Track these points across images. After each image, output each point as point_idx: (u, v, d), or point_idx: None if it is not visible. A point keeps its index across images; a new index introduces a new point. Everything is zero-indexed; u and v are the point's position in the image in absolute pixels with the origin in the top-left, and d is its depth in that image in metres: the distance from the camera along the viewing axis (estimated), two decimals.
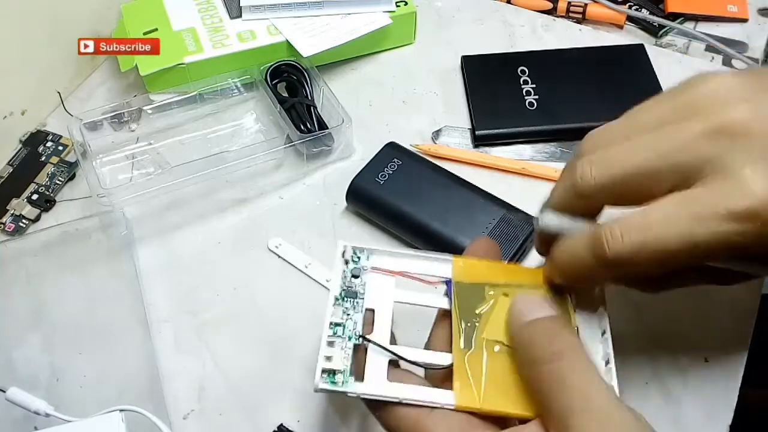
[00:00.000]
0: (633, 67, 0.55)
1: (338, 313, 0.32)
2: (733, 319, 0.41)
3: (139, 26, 0.55)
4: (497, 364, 0.31)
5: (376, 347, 0.31)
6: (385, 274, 0.33)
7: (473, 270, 0.34)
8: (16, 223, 0.48)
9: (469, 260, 0.34)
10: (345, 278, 0.33)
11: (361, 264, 0.33)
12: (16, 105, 0.53)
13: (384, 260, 0.34)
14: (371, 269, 0.33)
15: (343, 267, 0.33)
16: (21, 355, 0.42)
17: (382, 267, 0.34)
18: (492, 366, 0.31)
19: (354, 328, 0.31)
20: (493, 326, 0.32)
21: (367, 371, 0.30)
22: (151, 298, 0.44)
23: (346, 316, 0.32)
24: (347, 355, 0.30)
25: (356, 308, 0.32)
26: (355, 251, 0.34)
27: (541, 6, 0.63)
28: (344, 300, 0.32)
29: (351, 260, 0.33)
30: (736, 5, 0.62)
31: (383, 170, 0.47)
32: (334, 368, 0.30)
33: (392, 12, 0.57)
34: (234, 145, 0.51)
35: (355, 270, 0.33)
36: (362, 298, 0.32)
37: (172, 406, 0.40)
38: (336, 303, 0.32)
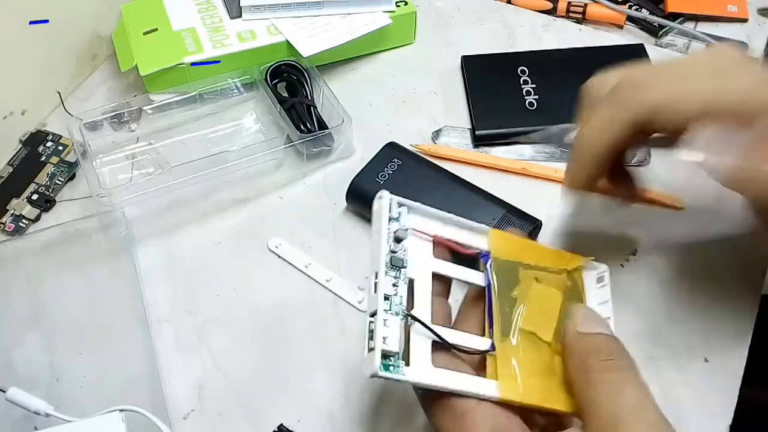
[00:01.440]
0: None
1: (388, 284, 0.29)
2: (733, 319, 0.41)
3: (139, 26, 0.55)
4: (534, 356, 0.31)
5: (419, 330, 0.29)
6: (423, 239, 0.32)
7: (508, 246, 0.33)
8: (16, 223, 0.48)
9: (505, 234, 0.34)
10: (390, 241, 0.30)
11: (402, 222, 0.31)
12: (16, 105, 0.53)
13: (422, 221, 0.32)
14: (411, 231, 0.32)
15: (388, 226, 0.30)
16: (21, 355, 0.42)
17: (420, 229, 0.32)
18: (530, 358, 0.31)
19: (401, 302, 0.29)
20: (529, 316, 0.32)
21: (412, 354, 0.29)
22: (151, 298, 0.44)
23: (394, 288, 0.29)
24: (399, 336, 0.28)
25: (403, 279, 0.30)
26: (400, 204, 0.31)
27: (541, 6, 0.63)
28: (390, 269, 0.30)
29: (394, 219, 0.31)
30: (736, 5, 0.62)
31: (383, 170, 0.47)
32: (389, 352, 0.28)
33: (392, 12, 0.57)
34: (234, 145, 0.51)
35: (399, 232, 0.31)
36: (405, 267, 0.30)
37: (172, 406, 0.40)
38: (386, 270, 0.29)
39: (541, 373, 0.31)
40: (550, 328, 0.32)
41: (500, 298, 0.32)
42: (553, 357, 0.32)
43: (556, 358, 0.32)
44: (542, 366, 0.31)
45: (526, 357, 0.31)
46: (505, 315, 0.32)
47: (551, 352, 0.32)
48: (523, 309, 0.32)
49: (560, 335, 0.32)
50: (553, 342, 0.32)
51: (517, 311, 0.32)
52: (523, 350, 0.31)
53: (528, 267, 0.33)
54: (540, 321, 0.32)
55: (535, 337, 0.32)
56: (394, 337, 0.28)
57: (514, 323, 0.32)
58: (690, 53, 0.37)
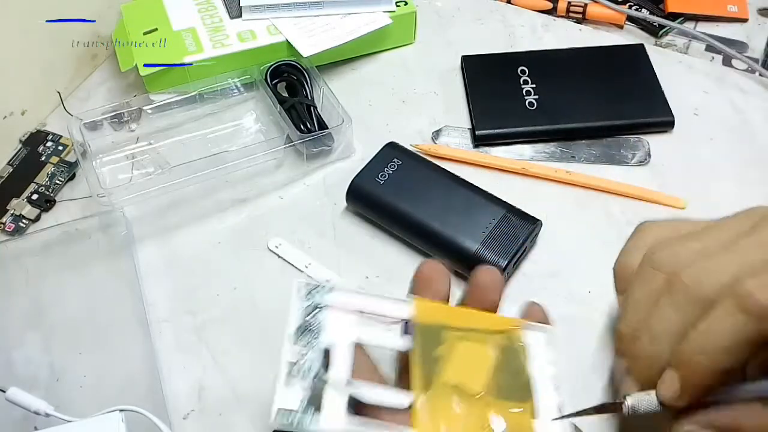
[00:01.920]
0: (633, 67, 0.55)
1: (294, 351, 0.31)
2: None
3: (139, 26, 0.55)
4: (459, 405, 0.30)
5: (333, 387, 0.30)
6: (345, 312, 0.33)
7: (434, 313, 0.33)
8: (16, 223, 0.48)
9: (429, 302, 0.33)
10: (301, 316, 0.32)
11: (318, 301, 0.33)
12: (16, 105, 0.53)
13: (343, 298, 0.33)
14: (329, 307, 0.32)
15: (300, 307, 0.32)
16: (21, 355, 0.42)
17: (340, 305, 0.33)
18: (454, 413, 0.30)
19: (310, 367, 0.31)
20: (453, 371, 0.31)
21: (324, 409, 0.29)
22: (151, 298, 0.44)
23: (302, 355, 0.31)
24: (304, 397, 0.30)
25: (314, 347, 0.31)
26: (311, 290, 0.33)
27: (541, 6, 0.63)
28: (301, 337, 0.31)
29: (308, 297, 0.33)
30: (736, 5, 0.62)
31: (383, 170, 0.47)
32: (289, 408, 0.29)
33: (392, 12, 0.57)
34: (234, 145, 0.51)
35: (311, 307, 0.32)
36: (317, 337, 0.32)
37: (172, 406, 0.40)
38: (294, 338, 0.31)
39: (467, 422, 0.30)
40: (479, 380, 0.31)
41: (421, 357, 0.32)
42: (484, 411, 0.31)
43: (490, 412, 0.31)
44: (469, 416, 0.30)
45: (449, 411, 0.30)
46: (425, 372, 0.31)
47: (482, 405, 0.31)
48: (447, 366, 0.32)
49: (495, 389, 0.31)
50: (486, 395, 0.31)
51: (438, 368, 0.32)
52: (446, 400, 0.31)
53: (454, 329, 0.33)
54: (467, 374, 0.31)
55: (461, 390, 0.31)
56: (295, 396, 0.30)
57: (435, 379, 0.31)
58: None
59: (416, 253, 0.46)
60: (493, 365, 0.32)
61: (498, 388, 0.31)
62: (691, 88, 0.55)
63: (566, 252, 0.46)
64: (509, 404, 0.31)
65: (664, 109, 0.52)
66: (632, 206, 0.48)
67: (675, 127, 0.52)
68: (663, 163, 0.51)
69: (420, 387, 0.31)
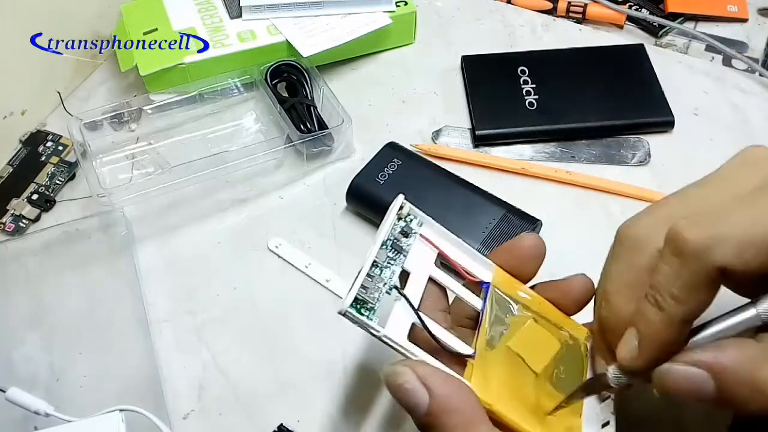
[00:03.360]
0: (633, 67, 0.55)
1: (382, 255, 0.31)
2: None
3: (139, 26, 0.55)
4: (514, 375, 0.30)
5: (404, 306, 0.30)
6: (429, 247, 0.33)
7: (510, 285, 0.33)
8: (16, 223, 0.48)
9: (508, 276, 0.33)
10: (395, 231, 0.32)
11: (412, 226, 0.33)
12: (16, 105, 0.53)
13: (432, 234, 0.33)
14: (420, 236, 0.33)
15: (396, 221, 0.32)
16: (21, 355, 0.42)
17: (429, 238, 0.33)
18: (510, 375, 0.30)
19: (390, 277, 0.31)
20: (520, 342, 0.31)
21: (389, 322, 0.30)
22: (151, 298, 0.44)
23: (388, 262, 0.31)
24: (378, 297, 0.30)
25: (397, 262, 0.32)
26: (411, 213, 0.33)
27: (541, 6, 0.63)
28: (390, 249, 0.32)
29: (405, 219, 0.33)
30: (736, 5, 0.62)
31: (383, 170, 0.47)
32: (365, 299, 0.29)
33: (392, 12, 0.57)
34: (234, 145, 0.51)
35: (406, 228, 0.33)
36: (404, 257, 0.32)
37: (172, 406, 0.40)
38: (382, 247, 0.31)
39: (519, 392, 0.30)
40: (541, 361, 0.31)
41: (492, 318, 0.32)
42: (538, 392, 0.31)
43: (541, 395, 0.31)
44: (521, 387, 0.30)
45: (507, 372, 0.30)
46: (494, 331, 0.31)
47: (536, 384, 0.31)
48: (515, 336, 0.32)
49: (551, 377, 0.31)
50: (542, 377, 0.31)
51: (507, 333, 0.32)
52: (504, 365, 0.31)
53: (527, 309, 0.33)
54: (531, 350, 0.31)
55: (522, 361, 0.31)
56: (372, 294, 0.30)
57: (501, 340, 0.31)
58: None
59: None
60: (557, 354, 0.32)
61: (553, 378, 0.31)
62: (691, 88, 0.55)
63: (566, 252, 0.46)
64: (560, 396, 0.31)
65: (664, 109, 0.52)
66: (632, 206, 0.48)
67: (675, 127, 0.52)
68: (663, 163, 0.51)
69: (485, 343, 0.31)
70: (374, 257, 0.31)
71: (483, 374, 0.30)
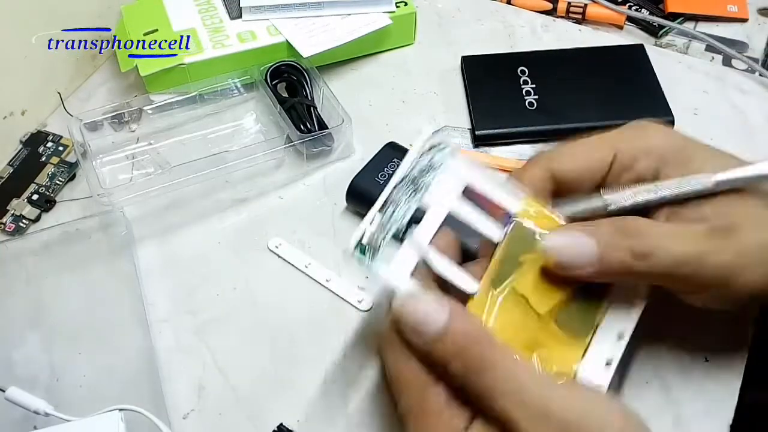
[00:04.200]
0: (633, 67, 0.55)
1: (396, 194, 0.32)
2: (733, 319, 0.41)
3: (139, 27, 0.55)
4: (514, 317, 0.31)
5: (412, 244, 0.31)
6: (458, 179, 0.33)
7: (538, 219, 0.33)
8: (16, 223, 0.48)
9: (540, 209, 0.33)
10: (416, 167, 0.32)
11: (440, 158, 0.33)
12: (17, 105, 0.53)
13: (461, 167, 0.33)
14: (446, 169, 0.33)
15: (419, 157, 0.32)
16: (21, 355, 0.42)
17: (455, 172, 0.33)
18: (509, 317, 0.31)
19: (403, 216, 0.31)
20: (527, 283, 0.32)
21: (395, 260, 0.30)
22: (151, 298, 0.44)
23: (403, 198, 0.32)
24: (386, 237, 0.31)
25: (413, 199, 0.32)
26: (443, 142, 0.33)
27: (541, 6, 0.63)
28: (407, 186, 0.32)
29: (434, 148, 0.33)
30: (736, 5, 0.62)
31: (383, 170, 0.47)
32: (371, 241, 0.30)
33: (392, 12, 0.57)
34: (234, 145, 0.51)
35: (431, 162, 0.33)
36: (422, 194, 0.32)
37: (172, 406, 0.40)
38: (399, 183, 0.32)
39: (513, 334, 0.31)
40: (546, 302, 0.32)
41: (505, 255, 0.32)
42: (538, 330, 0.31)
43: (541, 334, 0.31)
44: (520, 330, 0.31)
45: (505, 315, 0.31)
46: (502, 271, 0.32)
47: (538, 324, 0.31)
48: (524, 275, 0.32)
49: (557, 318, 0.32)
50: (546, 317, 0.31)
51: (516, 273, 0.32)
52: (504, 308, 0.31)
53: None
54: (538, 291, 0.32)
55: (526, 303, 0.31)
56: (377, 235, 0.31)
57: (507, 281, 0.31)
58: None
59: None
60: (568, 296, 0.32)
61: (560, 317, 0.32)
62: (691, 88, 0.55)
63: None
64: (563, 336, 0.31)
65: (664, 109, 0.52)
66: None
67: (675, 127, 0.52)
68: None
69: (489, 282, 0.31)
70: (384, 197, 0.31)
71: (480, 312, 0.31)
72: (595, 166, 0.35)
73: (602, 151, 0.35)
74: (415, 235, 0.31)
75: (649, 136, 0.35)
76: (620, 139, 0.35)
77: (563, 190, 0.35)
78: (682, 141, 0.35)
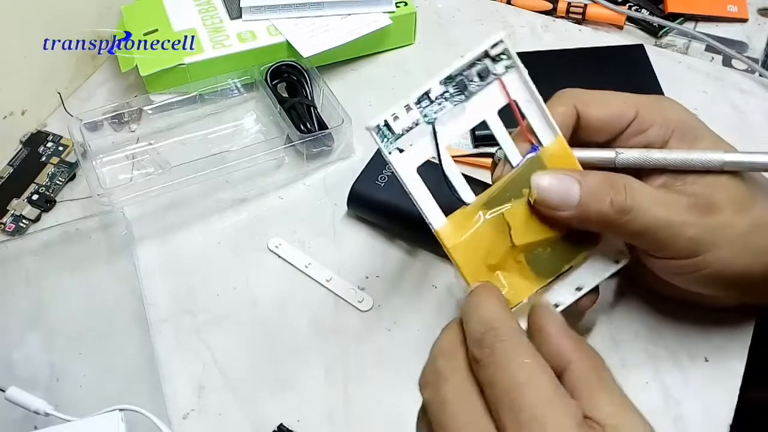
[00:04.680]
0: (633, 68, 0.55)
1: (439, 90, 0.32)
2: (733, 319, 0.41)
3: (139, 27, 0.55)
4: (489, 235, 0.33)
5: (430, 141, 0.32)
6: (503, 94, 0.33)
7: (561, 158, 0.34)
8: (16, 223, 0.48)
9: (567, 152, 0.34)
10: (470, 68, 0.33)
11: (494, 68, 0.33)
12: (17, 105, 0.53)
13: (515, 83, 0.34)
14: (497, 81, 0.33)
15: (477, 61, 0.33)
16: (21, 355, 0.42)
17: (509, 86, 0.33)
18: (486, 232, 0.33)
19: (436, 112, 0.32)
20: (518, 214, 0.33)
21: (408, 151, 0.32)
22: (151, 298, 0.44)
23: (443, 97, 0.32)
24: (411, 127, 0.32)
25: (453, 100, 0.32)
26: (506, 53, 0.33)
27: (541, 6, 0.63)
28: (452, 86, 0.32)
29: (495, 58, 0.33)
30: (736, 5, 0.62)
31: (382, 172, 0.47)
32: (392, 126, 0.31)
33: (392, 12, 0.57)
34: (234, 145, 0.51)
35: (484, 70, 0.33)
36: (467, 97, 0.33)
37: (172, 406, 0.40)
38: (445, 81, 0.32)
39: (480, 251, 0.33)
40: (527, 236, 0.33)
41: (511, 181, 0.33)
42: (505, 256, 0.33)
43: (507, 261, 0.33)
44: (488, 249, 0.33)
45: (482, 233, 0.33)
46: (501, 197, 0.33)
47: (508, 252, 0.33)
48: (519, 206, 0.33)
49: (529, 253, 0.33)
50: (518, 250, 0.33)
51: (513, 203, 0.33)
52: (484, 228, 0.33)
53: None
54: (523, 225, 0.33)
55: (506, 230, 0.33)
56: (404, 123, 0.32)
57: (500, 208, 0.33)
58: None
59: (416, 252, 0.46)
60: (549, 240, 0.34)
61: (532, 255, 0.33)
62: (691, 88, 0.55)
63: None
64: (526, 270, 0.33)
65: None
66: None
67: None
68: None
69: (485, 201, 0.33)
70: (424, 90, 0.32)
71: (461, 221, 0.33)
72: (618, 119, 0.36)
73: (627, 107, 0.36)
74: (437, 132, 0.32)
75: (667, 108, 0.37)
76: (643, 103, 0.37)
77: (581, 134, 0.36)
78: (696, 121, 0.37)
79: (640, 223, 0.33)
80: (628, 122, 0.36)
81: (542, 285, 0.34)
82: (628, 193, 0.33)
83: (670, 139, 0.36)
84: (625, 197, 0.33)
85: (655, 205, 0.33)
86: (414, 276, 0.45)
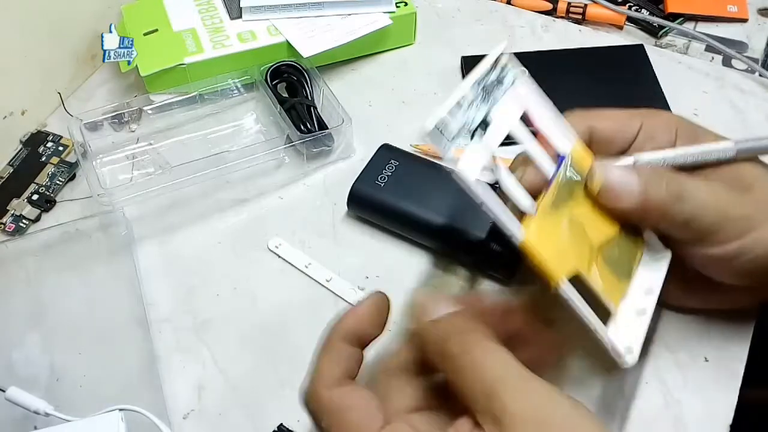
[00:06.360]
0: (633, 68, 0.55)
1: (471, 95, 0.32)
2: (733, 319, 0.41)
3: (139, 27, 0.55)
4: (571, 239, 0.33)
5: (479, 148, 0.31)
6: (517, 104, 0.34)
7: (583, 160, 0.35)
8: (16, 223, 0.48)
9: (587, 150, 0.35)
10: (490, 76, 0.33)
11: (510, 77, 0.34)
12: (17, 105, 0.53)
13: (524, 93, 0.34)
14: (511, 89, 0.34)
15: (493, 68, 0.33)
16: (21, 355, 0.42)
17: (518, 93, 0.34)
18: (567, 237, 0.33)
19: (473, 119, 0.32)
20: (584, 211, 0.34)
21: (463, 158, 0.31)
22: (151, 298, 0.44)
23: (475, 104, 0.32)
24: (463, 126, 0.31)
25: (483, 106, 0.32)
26: (509, 64, 0.34)
27: (541, 7, 0.63)
28: (480, 90, 0.32)
29: (503, 69, 0.33)
30: (736, 5, 0.62)
31: (381, 173, 0.47)
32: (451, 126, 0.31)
33: (392, 13, 0.57)
34: (234, 145, 0.51)
35: (501, 77, 0.33)
36: (492, 103, 0.33)
37: (172, 406, 0.40)
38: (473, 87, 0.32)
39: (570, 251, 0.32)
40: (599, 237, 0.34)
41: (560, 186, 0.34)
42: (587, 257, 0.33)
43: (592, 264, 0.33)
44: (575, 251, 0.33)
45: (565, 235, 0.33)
46: (558, 200, 0.33)
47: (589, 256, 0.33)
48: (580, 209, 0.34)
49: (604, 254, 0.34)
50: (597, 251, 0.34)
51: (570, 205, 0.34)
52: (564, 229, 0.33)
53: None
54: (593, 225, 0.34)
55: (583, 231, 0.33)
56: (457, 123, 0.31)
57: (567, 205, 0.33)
58: None
59: (416, 252, 0.46)
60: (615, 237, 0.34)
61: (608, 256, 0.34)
62: (691, 88, 0.55)
63: None
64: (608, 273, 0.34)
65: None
66: None
67: None
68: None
69: (547, 204, 0.33)
70: (462, 93, 0.32)
71: (541, 229, 0.32)
72: (627, 128, 0.38)
73: (632, 119, 0.38)
74: (486, 138, 0.32)
75: (665, 115, 0.39)
76: (644, 114, 0.38)
77: (593, 149, 0.37)
78: (693, 125, 0.39)
79: (692, 207, 0.34)
80: (636, 131, 0.37)
81: (627, 286, 0.35)
82: (677, 179, 0.34)
83: (677, 141, 0.37)
84: (676, 181, 0.34)
85: (701, 190, 0.34)
86: (414, 276, 0.45)
